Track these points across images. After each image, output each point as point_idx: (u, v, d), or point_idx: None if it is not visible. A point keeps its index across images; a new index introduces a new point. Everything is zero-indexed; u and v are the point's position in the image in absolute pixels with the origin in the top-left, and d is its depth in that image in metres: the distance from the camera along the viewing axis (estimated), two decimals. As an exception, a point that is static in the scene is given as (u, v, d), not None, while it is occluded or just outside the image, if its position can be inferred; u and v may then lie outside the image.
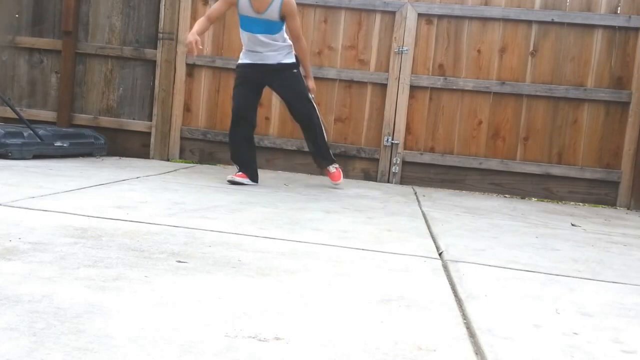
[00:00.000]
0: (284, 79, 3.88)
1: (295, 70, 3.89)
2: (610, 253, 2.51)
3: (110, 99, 5.19)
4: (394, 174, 4.94)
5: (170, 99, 5.08)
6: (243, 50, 3.90)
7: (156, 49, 5.06)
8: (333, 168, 4.11)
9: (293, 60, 3.89)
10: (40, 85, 5.23)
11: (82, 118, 5.18)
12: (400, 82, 4.88)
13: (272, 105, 5.07)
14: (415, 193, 4.32)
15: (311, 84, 4.02)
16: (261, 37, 3.74)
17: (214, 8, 3.77)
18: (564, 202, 4.82)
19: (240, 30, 3.81)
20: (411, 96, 4.90)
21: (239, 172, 3.86)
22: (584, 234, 3.02)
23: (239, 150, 3.95)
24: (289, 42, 3.87)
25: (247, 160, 3.93)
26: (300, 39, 3.86)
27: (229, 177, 3.82)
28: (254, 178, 3.88)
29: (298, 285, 1.57)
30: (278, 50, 3.82)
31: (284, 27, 3.80)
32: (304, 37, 3.96)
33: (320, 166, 4.25)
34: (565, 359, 1.19)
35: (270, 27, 3.73)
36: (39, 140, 4.22)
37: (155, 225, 2.19)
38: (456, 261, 2.04)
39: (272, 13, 3.68)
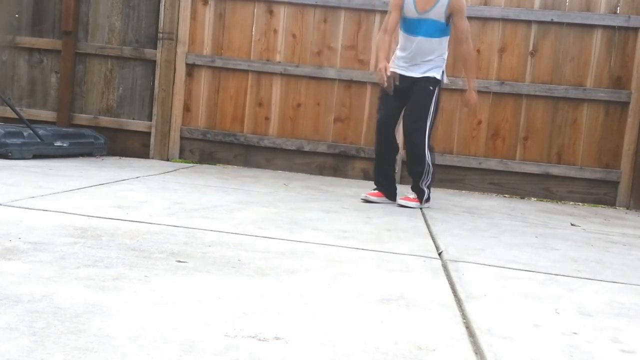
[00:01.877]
0: (417, 88, 3.47)
1: (431, 87, 3.45)
2: (609, 253, 2.51)
3: (110, 99, 5.19)
4: (394, 173, 4.92)
5: (170, 99, 5.09)
6: (395, 57, 3.57)
7: (156, 49, 5.06)
8: (412, 195, 3.53)
9: (438, 76, 3.47)
10: (40, 85, 5.23)
11: (82, 118, 5.18)
12: (399, 82, 4.88)
13: (272, 105, 5.07)
14: (415, 193, 4.31)
15: (472, 97, 3.61)
16: (422, 40, 3.42)
17: (390, 19, 3.50)
18: (563, 201, 4.83)
19: (400, 34, 3.53)
20: (411, 96, 4.90)
21: (374, 190, 3.59)
22: (583, 234, 3.03)
23: (379, 164, 3.67)
24: (445, 57, 3.52)
25: (385, 177, 3.64)
26: (467, 40, 3.52)
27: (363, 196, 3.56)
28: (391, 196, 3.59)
29: (298, 285, 1.57)
30: (430, 63, 3.47)
31: (447, 35, 3.49)
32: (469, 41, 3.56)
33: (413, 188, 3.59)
34: (565, 359, 1.19)
35: (434, 29, 3.41)
36: (38, 140, 4.22)
37: (155, 225, 2.19)
38: (456, 261, 2.04)
39: (438, 11, 3.38)
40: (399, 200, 3.50)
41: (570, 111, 4.79)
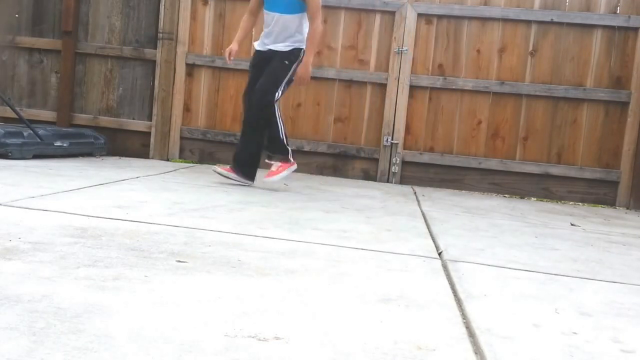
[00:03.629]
0: (273, 62, 3.68)
1: (287, 62, 3.65)
2: (609, 253, 2.51)
3: (110, 99, 5.19)
4: (394, 173, 4.94)
5: (170, 99, 5.09)
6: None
7: (156, 49, 5.06)
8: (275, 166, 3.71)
9: (292, 48, 3.67)
10: (40, 85, 5.23)
11: (82, 118, 5.18)
12: (399, 82, 4.88)
13: (272, 105, 5.06)
14: (415, 193, 4.32)
15: (302, 70, 3.67)
16: (280, 16, 3.62)
17: (251, 2, 3.83)
18: (563, 201, 4.83)
19: (265, 12, 3.72)
20: (411, 96, 4.90)
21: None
22: (583, 234, 3.03)
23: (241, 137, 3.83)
24: (304, 34, 3.68)
25: (238, 153, 3.77)
26: (316, 19, 3.61)
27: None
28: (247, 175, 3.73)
29: (297, 284, 1.57)
30: (288, 40, 3.67)
31: (305, 14, 3.63)
32: (320, 20, 3.66)
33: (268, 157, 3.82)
34: (565, 359, 1.19)
35: (290, 5, 3.59)
36: (38, 140, 4.22)
37: (155, 225, 2.19)
38: (455, 261, 2.04)
39: None
40: (265, 179, 3.66)
41: (570, 111, 4.79)
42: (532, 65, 4.80)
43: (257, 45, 3.81)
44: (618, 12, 4.69)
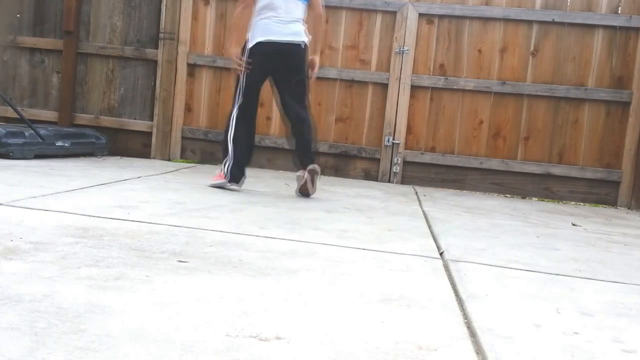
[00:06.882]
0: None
1: None
2: (610, 253, 2.51)
3: (111, 99, 5.19)
4: (395, 173, 4.94)
5: (171, 99, 5.09)
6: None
7: (157, 48, 5.06)
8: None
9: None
10: (41, 85, 5.23)
11: (83, 118, 5.18)
12: (401, 82, 4.88)
13: (273, 104, 5.06)
14: (416, 193, 4.32)
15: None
16: None
17: None
18: (564, 201, 4.82)
19: None
20: (412, 96, 4.90)
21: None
22: (584, 234, 3.02)
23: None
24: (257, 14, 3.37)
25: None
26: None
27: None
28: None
29: (299, 284, 1.57)
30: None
31: None
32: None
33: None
34: (566, 359, 1.19)
35: None
36: (40, 140, 4.22)
37: (157, 225, 2.19)
38: (457, 261, 2.04)
39: None
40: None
41: (571, 111, 4.79)
42: (534, 65, 4.80)
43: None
44: (619, 12, 4.69)
